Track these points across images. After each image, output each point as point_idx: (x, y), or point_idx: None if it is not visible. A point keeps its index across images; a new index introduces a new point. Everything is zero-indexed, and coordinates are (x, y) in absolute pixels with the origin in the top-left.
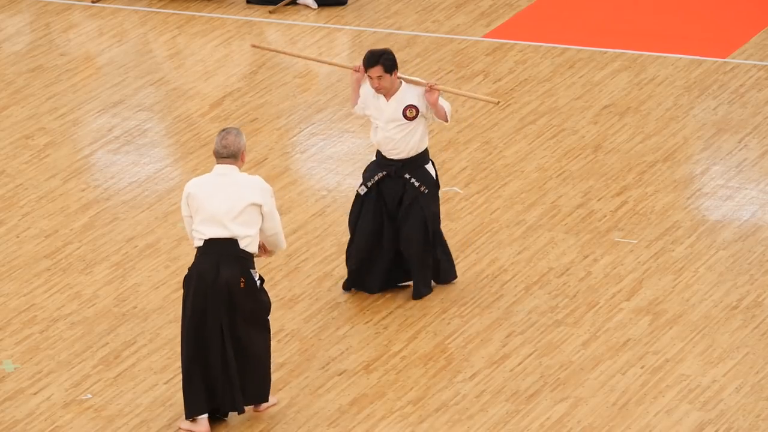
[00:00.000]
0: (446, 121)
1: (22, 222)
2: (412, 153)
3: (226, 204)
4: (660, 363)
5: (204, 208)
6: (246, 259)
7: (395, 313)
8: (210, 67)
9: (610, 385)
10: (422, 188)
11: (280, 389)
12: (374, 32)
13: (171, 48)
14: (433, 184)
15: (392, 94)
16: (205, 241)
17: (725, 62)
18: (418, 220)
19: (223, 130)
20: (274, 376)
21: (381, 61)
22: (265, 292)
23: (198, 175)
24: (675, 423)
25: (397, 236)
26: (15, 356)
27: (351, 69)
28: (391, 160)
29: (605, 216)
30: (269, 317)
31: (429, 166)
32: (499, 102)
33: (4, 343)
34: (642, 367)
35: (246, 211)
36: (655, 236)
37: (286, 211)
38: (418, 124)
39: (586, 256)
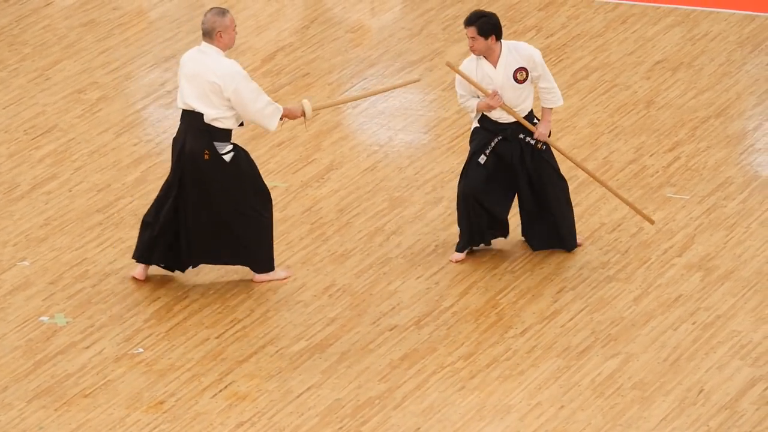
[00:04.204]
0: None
1: (74, 176)
2: (522, 115)
3: (193, 80)
4: (711, 319)
5: (181, 80)
6: (211, 133)
7: (446, 268)
8: (262, 22)
9: (661, 341)
10: (539, 145)
11: (332, 344)
12: None
13: (223, 2)
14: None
15: (497, 60)
16: (182, 110)
17: None
18: (553, 176)
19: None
20: (325, 331)
21: (478, 23)
22: (240, 163)
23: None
24: (726, 379)
25: (511, 198)
26: (67, 310)
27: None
28: (505, 123)
29: (657, 172)
30: (257, 186)
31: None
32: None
33: (56, 297)
34: (693, 323)
35: (206, 90)
36: (707, 192)
37: (337, 166)
38: (530, 87)
39: None
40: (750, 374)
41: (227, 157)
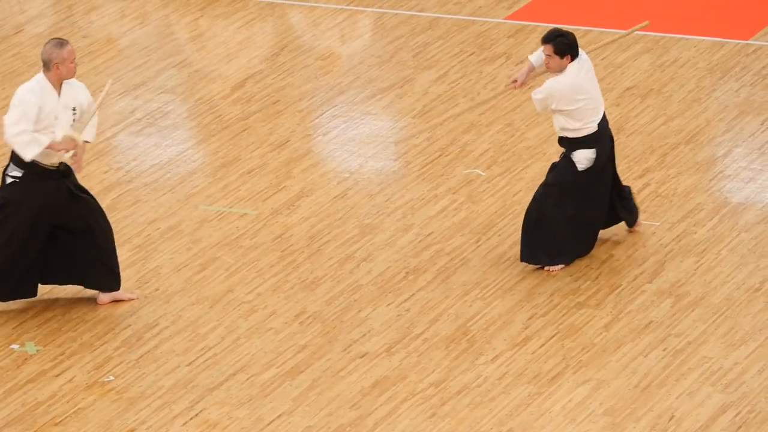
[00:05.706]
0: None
1: None
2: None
3: None
4: (682, 345)
5: None
6: (11, 155)
7: (417, 295)
8: (232, 49)
9: (632, 368)
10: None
11: (302, 372)
12: (396, 14)
13: (193, 30)
14: (570, 171)
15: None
16: None
17: (747, 44)
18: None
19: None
20: (296, 358)
21: (554, 42)
22: (10, 195)
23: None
24: (697, 405)
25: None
26: (37, 338)
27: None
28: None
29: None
30: (16, 231)
31: (578, 155)
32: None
33: (26, 325)
34: (664, 350)
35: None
36: (677, 218)
37: (308, 193)
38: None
39: (609, 238)
40: (721, 401)
41: (7, 179)
